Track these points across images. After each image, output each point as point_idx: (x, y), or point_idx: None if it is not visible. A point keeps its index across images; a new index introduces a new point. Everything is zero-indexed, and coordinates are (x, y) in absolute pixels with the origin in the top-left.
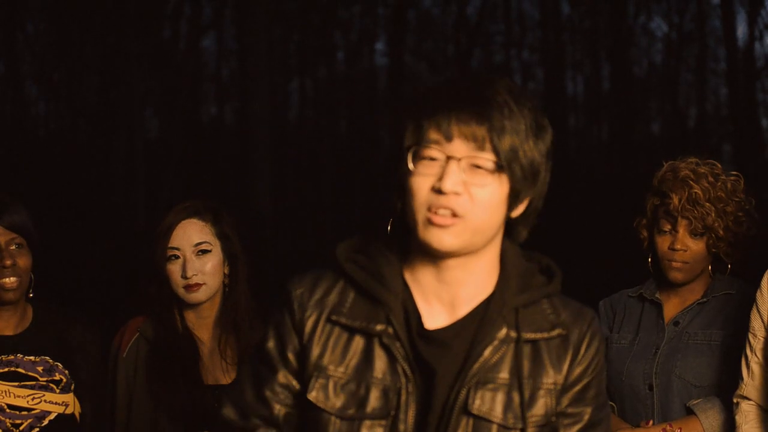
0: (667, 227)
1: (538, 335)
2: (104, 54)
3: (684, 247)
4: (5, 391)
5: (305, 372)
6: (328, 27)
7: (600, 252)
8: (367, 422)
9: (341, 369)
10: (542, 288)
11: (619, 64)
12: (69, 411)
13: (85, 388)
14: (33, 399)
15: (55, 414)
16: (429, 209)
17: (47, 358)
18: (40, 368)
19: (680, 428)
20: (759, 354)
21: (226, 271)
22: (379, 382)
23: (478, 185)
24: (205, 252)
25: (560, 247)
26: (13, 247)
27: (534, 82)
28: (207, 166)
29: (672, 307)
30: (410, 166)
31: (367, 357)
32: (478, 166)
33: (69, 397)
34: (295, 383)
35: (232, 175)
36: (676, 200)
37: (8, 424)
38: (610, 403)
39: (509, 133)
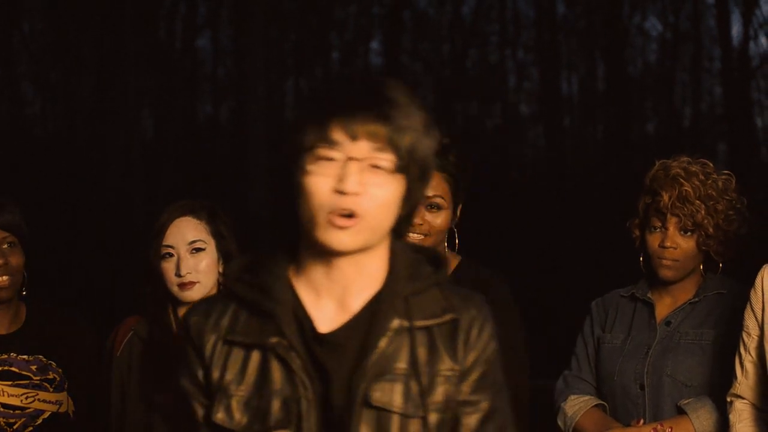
0: (658, 224)
1: (430, 321)
2: (101, 54)
3: (674, 244)
4: None
5: (210, 392)
6: (324, 27)
7: (595, 252)
8: None
9: (242, 387)
10: (431, 277)
11: (614, 63)
12: (63, 410)
13: (78, 387)
14: (27, 398)
15: (49, 413)
16: (329, 211)
17: (41, 356)
18: (33, 367)
19: (671, 427)
20: (753, 353)
21: (221, 270)
22: (278, 393)
23: (377, 185)
24: (199, 250)
25: (556, 246)
26: (6, 246)
27: (529, 82)
28: (203, 165)
29: (664, 306)
30: (309, 166)
31: (264, 371)
32: (377, 166)
33: (63, 396)
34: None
35: (228, 174)
36: (666, 198)
37: (2, 423)
38: (602, 402)
39: (409, 134)
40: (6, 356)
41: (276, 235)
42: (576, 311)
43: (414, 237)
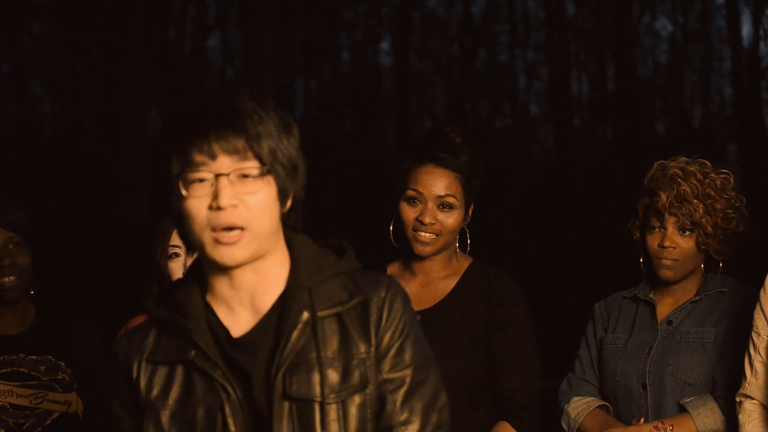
0: (657, 225)
1: (338, 308)
2: (109, 54)
3: (673, 244)
4: (8, 391)
5: (139, 412)
6: (332, 27)
7: (604, 252)
8: None
9: (169, 402)
10: (335, 265)
11: (623, 63)
12: (72, 410)
13: (87, 387)
14: (36, 398)
15: (58, 413)
16: (213, 229)
17: (50, 357)
18: (42, 367)
19: (672, 426)
20: (763, 353)
21: None
22: (201, 402)
23: (249, 193)
24: None
25: (563, 247)
26: (11, 246)
27: (539, 82)
28: None
29: (665, 306)
30: (183, 192)
31: (187, 384)
32: (245, 176)
33: (72, 396)
34: None
35: None
36: (664, 197)
37: (11, 423)
38: (605, 403)
39: (265, 138)
40: (15, 357)
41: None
42: (583, 312)
43: (425, 236)
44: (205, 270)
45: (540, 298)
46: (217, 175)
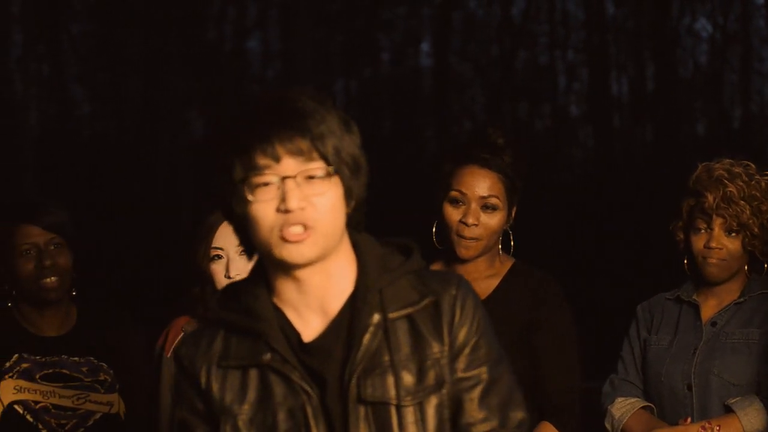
0: (703, 226)
1: (409, 309)
2: (148, 55)
3: (719, 245)
4: (50, 392)
5: (213, 417)
6: (372, 28)
7: (645, 253)
8: None
9: (245, 406)
10: (403, 266)
11: (663, 64)
12: (114, 411)
13: (129, 388)
14: (78, 399)
15: (101, 414)
16: (280, 230)
17: (92, 358)
18: (84, 369)
19: (719, 426)
20: None
21: None
22: (282, 405)
23: (317, 194)
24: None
25: (604, 248)
26: (52, 248)
27: (578, 83)
28: None
29: (709, 308)
30: (249, 197)
31: (264, 388)
32: (311, 177)
33: (114, 397)
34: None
35: None
36: (710, 199)
37: (54, 424)
38: (649, 404)
39: (329, 137)
40: (57, 358)
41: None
42: (624, 312)
43: (468, 243)
44: (271, 275)
45: (581, 298)
46: (283, 178)
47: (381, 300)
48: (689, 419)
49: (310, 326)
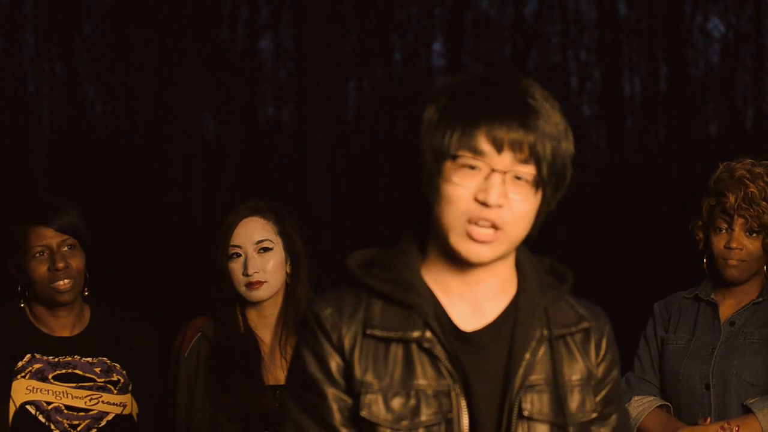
0: (723, 226)
1: (566, 330)
2: (161, 55)
3: (740, 245)
4: (63, 392)
5: (353, 390)
6: (385, 28)
7: (658, 254)
8: (426, 428)
9: (386, 381)
10: (560, 287)
11: (676, 64)
12: (127, 412)
13: (142, 389)
14: (91, 400)
15: (113, 415)
16: (469, 220)
17: (105, 359)
18: (97, 369)
19: (738, 426)
20: None
21: (288, 270)
22: (426, 387)
23: (518, 199)
24: (266, 250)
25: (617, 248)
26: (66, 249)
27: (591, 83)
28: (264, 167)
29: (727, 307)
30: (450, 173)
31: (409, 365)
32: (519, 178)
33: (127, 398)
34: (348, 399)
35: (289, 176)
36: (732, 199)
37: (66, 424)
38: (666, 403)
39: (549, 141)
40: (70, 359)
41: (402, 230)
42: (636, 311)
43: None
44: (433, 253)
45: (594, 297)
46: (493, 170)
47: (547, 317)
48: (708, 420)
49: (461, 316)
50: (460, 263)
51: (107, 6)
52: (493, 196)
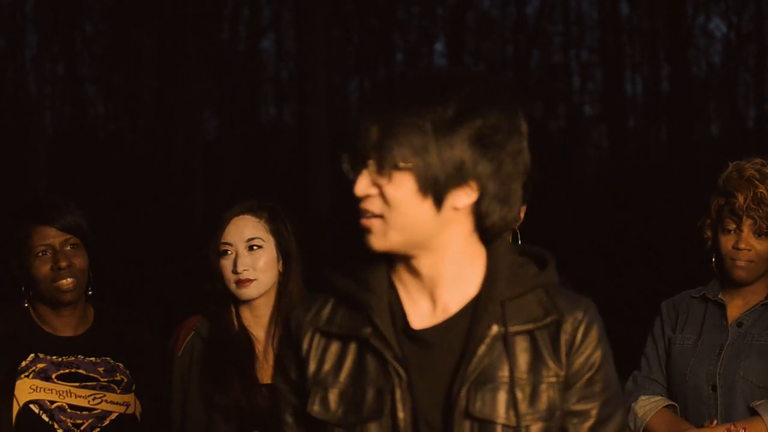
0: (732, 226)
1: (530, 325)
2: (162, 55)
3: (748, 246)
4: (66, 392)
5: (305, 387)
6: (386, 28)
7: (659, 253)
8: (367, 425)
9: (339, 378)
10: (534, 278)
11: (678, 64)
12: (130, 411)
13: (145, 389)
14: (94, 399)
15: (116, 414)
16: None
17: (108, 358)
18: (101, 369)
19: (744, 428)
20: None
21: (280, 269)
22: (372, 383)
23: (387, 185)
24: (256, 248)
25: (619, 248)
26: (68, 248)
27: (593, 83)
28: (265, 167)
29: (735, 308)
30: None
31: (360, 362)
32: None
33: (130, 398)
34: (297, 397)
35: (290, 176)
36: (741, 199)
37: (69, 424)
38: (673, 403)
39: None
40: (73, 358)
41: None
42: (640, 311)
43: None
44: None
45: (596, 297)
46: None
47: (503, 312)
48: (715, 421)
49: (419, 313)
50: (405, 259)
51: (108, 6)
52: (358, 188)
